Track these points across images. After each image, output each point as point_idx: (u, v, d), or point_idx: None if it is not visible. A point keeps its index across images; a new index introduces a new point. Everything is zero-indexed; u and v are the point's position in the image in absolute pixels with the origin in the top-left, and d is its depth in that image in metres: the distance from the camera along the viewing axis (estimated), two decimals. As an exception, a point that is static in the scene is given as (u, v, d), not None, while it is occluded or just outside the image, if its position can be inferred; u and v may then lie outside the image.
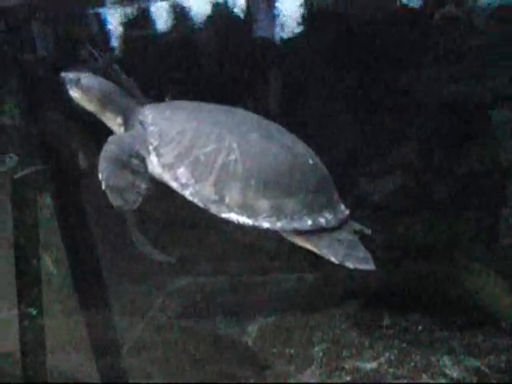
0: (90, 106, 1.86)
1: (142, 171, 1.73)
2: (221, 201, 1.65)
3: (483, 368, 2.79)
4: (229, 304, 3.35)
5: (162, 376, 2.85)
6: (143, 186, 1.73)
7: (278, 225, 1.64)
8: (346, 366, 2.89)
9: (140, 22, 2.87)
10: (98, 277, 2.44)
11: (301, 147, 1.76)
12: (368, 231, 1.80)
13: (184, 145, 1.69)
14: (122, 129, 1.87)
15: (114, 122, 1.87)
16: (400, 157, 2.98)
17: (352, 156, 3.02)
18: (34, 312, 2.32)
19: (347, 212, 1.79)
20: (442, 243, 3.17)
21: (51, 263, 2.92)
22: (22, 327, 2.32)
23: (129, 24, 2.83)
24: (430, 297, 3.14)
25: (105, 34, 2.75)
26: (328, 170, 1.80)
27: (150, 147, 1.73)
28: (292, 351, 3.03)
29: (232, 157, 1.64)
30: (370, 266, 1.67)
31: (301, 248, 1.67)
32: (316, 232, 1.67)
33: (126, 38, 2.76)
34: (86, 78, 1.85)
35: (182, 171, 1.68)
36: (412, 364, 2.86)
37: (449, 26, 2.56)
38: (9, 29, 2.37)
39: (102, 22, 2.76)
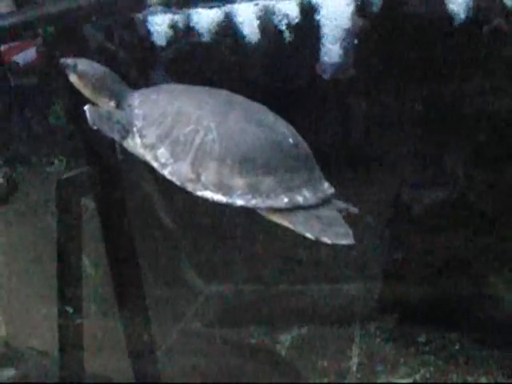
0: (85, 90, 1.93)
1: (121, 134, 1.79)
2: (197, 179, 1.66)
3: (522, 391, 2.73)
4: (263, 312, 3.35)
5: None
6: (115, 137, 1.78)
7: (253, 202, 1.63)
8: (380, 382, 2.85)
9: (185, 28, 2.92)
10: (137, 280, 2.46)
11: (282, 127, 1.76)
12: (354, 210, 1.77)
13: (165, 126, 1.73)
14: None
15: (107, 106, 1.92)
16: (444, 170, 2.95)
17: (394, 166, 3.00)
18: (71, 311, 2.35)
19: (331, 190, 1.75)
20: (482, 260, 3.11)
21: (89, 265, 2.97)
22: (59, 326, 2.36)
23: (173, 30, 2.88)
24: (469, 314, 3.08)
25: (151, 39, 2.81)
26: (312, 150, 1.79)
27: (135, 129, 1.77)
28: (325, 363, 3.01)
29: (209, 137, 1.66)
30: (348, 241, 1.58)
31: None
32: (293, 210, 1.65)
33: (171, 44, 2.81)
34: (82, 64, 1.91)
35: (161, 151, 1.71)
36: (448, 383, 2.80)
37: (498, 39, 2.53)
38: (58, 32, 2.43)
39: (148, 28, 2.82)
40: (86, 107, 1.78)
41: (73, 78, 1.91)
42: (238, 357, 3.07)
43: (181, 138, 1.70)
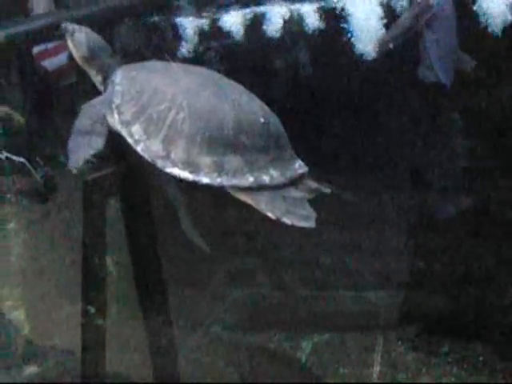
0: (77, 58, 1.97)
1: (102, 135, 1.85)
2: (167, 156, 1.70)
3: (548, 405, 2.67)
4: (285, 318, 3.34)
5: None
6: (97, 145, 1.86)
7: (218, 180, 1.66)
8: (401, 391, 2.82)
9: (213, 31, 2.94)
10: (160, 281, 2.47)
11: (255, 106, 1.78)
12: (326, 190, 1.76)
13: (141, 103, 1.77)
14: (102, 87, 1.97)
15: (95, 79, 1.97)
16: (471, 177, 2.93)
17: (422, 172, 2.99)
18: (92, 310, 2.36)
19: (302, 170, 1.77)
20: (506, 271, 3.07)
21: (113, 265, 2.99)
22: (82, 325, 2.37)
23: (202, 33, 2.91)
24: (493, 325, 3.03)
25: (180, 41, 2.84)
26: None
27: (113, 105, 1.81)
28: (346, 371, 2.98)
29: (181, 115, 1.70)
30: (309, 224, 1.62)
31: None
32: (259, 189, 1.67)
33: (199, 46, 2.84)
34: (80, 32, 1.94)
35: (136, 128, 1.76)
36: (471, 394, 2.76)
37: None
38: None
39: (178, 30, 2.85)
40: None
41: (69, 44, 1.95)
42: (258, 362, 3.06)
43: (154, 115, 1.74)
